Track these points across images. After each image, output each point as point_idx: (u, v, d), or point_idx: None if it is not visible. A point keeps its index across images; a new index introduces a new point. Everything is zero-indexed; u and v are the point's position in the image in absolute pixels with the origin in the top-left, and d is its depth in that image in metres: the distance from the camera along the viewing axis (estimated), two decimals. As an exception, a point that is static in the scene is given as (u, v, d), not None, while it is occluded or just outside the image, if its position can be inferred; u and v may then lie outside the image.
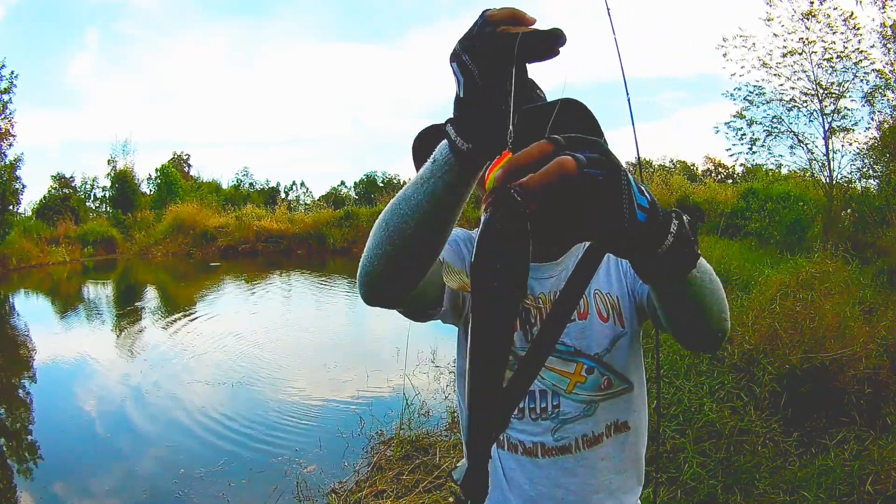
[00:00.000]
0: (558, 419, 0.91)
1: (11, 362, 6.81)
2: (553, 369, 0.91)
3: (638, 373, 0.95)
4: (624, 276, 0.97)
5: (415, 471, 3.29)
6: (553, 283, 0.94)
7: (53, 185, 28.24)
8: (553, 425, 0.91)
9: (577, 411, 0.91)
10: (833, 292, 3.84)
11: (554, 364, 0.90)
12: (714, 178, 25.95)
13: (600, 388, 0.92)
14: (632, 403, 0.95)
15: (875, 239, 6.69)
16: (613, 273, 0.96)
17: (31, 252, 17.01)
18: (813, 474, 2.51)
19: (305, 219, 20.73)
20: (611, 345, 0.92)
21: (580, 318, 0.92)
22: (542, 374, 0.90)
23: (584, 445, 0.91)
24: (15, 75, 16.05)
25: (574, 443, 0.91)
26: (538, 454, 0.91)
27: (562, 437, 0.91)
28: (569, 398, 0.91)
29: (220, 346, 6.75)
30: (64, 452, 4.02)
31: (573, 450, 0.91)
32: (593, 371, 0.91)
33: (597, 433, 0.92)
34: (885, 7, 7.51)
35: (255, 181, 38.79)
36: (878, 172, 7.81)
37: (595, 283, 0.94)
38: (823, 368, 3.12)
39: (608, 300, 0.93)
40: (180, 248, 19.74)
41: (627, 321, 0.94)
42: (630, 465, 0.96)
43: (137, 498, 3.35)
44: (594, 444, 0.92)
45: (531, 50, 0.49)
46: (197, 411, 4.65)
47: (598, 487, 0.92)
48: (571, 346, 0.91)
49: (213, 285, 12.77)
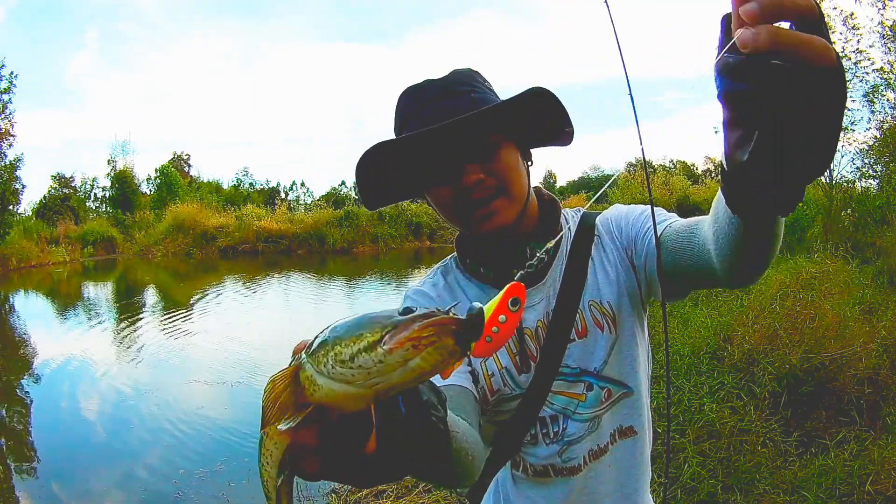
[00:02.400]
0: (563, 441, 0.89)
1: (11, 362, 6.81)
2: (561, 393, 0.88)
3: (635, 375, 0.92)
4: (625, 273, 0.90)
5: (415, 471, 3.29)
6: (543, 305, 0.89)
7: (53, 185, 28.30)
8: (559, 448, 0.89)
9: (581, 431, 0.89)
10: (833, 292, 3.84)
11: (561, 388, 0.88)
12: (714, 178, 25.94)
13: (601, 401, 0.90)
14: (633, 407, 0.92)
15: (875, 239, 6.68)
16: (600, 274, 0.91)
17: (31, 252, 17.02)
18: (813, 474, 2.51)
19: (305, 219, 20.75)
20: (608, 355, 0.89)
21: (580, 337, 0.88)
22: (551, 400, 0.88)
23: (590, 459, 0.90)
24: (15, 75, 16.12)
25: (582, 461, 0.90)
26: (550, 474, 0.90)
27: (569, 457, 0.89)
28: (573, 419, 0.89)
29: (220, 346, 6.75)
30: (64, 452, 4.03)
31: (582, 467, 0.90)
32: (592, 387, 0.89)
33: (602, 444, 0.90)
34: (884, 6, 7.51)
35: (255, 181, 38.87)
36: (878, 172, 7.81)
37: (588, 295, 0.89)
38: (823, 368, 3.12)
39: (601, 308, 0.90)
40: (180, 248, 19.75)
41: (620, 325, 0.90)
42: (638, 468, 0.95)
43: (137, 498, 3.35)
44: (600, 454, 0.90)
45: None
46: (197, 411, 4.65)
47: (608, 493, 0.91)
48: (576, 367, 0.88)
49: (212, 285, 12.77)
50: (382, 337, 0.40)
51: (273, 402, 0.45)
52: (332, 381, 0.41)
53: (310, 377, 0.42)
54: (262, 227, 19.89)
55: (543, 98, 0.79)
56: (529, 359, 0.87)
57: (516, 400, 0.87)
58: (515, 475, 0.92)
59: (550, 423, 0.89)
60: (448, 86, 0.82)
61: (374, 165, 0.79)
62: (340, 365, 0.40)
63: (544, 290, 0.90)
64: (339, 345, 0.40)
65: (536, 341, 0.88)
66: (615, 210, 0.95)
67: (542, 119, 0.83)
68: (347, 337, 0.41)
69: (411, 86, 0.84)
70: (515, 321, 0.47)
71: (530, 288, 0.89)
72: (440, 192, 0.83)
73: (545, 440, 0.89)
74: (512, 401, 0.88)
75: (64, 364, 6.32)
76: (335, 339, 0.41)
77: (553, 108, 0.81)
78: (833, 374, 3.11)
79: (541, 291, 0.90)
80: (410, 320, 0.40)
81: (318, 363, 0.41)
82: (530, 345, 0.88)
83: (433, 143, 0.78)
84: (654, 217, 0.81)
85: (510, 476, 0.92)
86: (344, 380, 0.41)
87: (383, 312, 0.42)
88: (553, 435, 0.89)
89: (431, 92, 0.81)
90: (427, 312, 0.41)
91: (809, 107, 0.37)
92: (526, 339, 0.88)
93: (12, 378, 6.10)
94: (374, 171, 0.80)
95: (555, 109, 0.81)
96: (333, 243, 19.56)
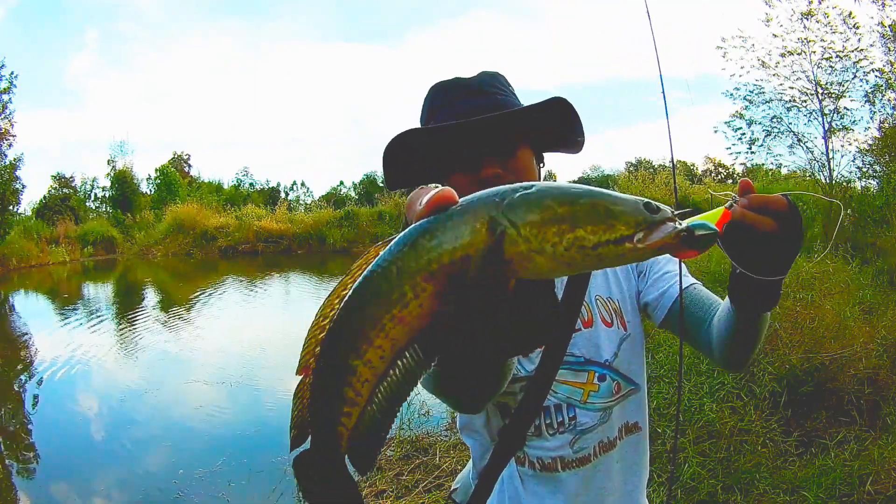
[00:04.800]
0: (576, 430, 0.91)
1: (11, 362, 6.81)
2: (566, 382, 0.91)
3: (641, 373, 0.96)
4: (626, 281, 0.98)
5: (415, 471, 3.29)
6: None
7: (53, 185, 28.27)
8: (572, 437, 0.90)
9: (594, 420, 0.91)
10: (833, 292, 3.84)
11: (566, 377, 0.90)
12: (714, 178, 25.95)
13: (612, 393, 0.92)
14: (639, 403, 0.96)
15: (875, 239, 6.67)
16: (611, 277, 0.97)
17: (31, 252, 17.01)
18: (813, 474, 2.50)
19: (305, 219, 20.74)
20: (618, 349, 0.93)
21: (585, 327, 0.92)
22: (555, 389, 0.90)
23: (600, 451, 0.91)
24: (15, 75, 16.12)
25: (592, 451, 0.91)
26: (558, 468, 0.91)
27: (581, 447, 0.91)
28: (584, 408, 0.91)
29: (220, 346, 6.76)
30: (64, 452, 4.03)
31: (591, 458, 0.91)
32: (605, 378, 0.92)
33: (611, 438, 0.92)
34: (884, 6, 7.50)
35: (255, 181, 38.80)
36: (879, 172, 7.80)
37: (595, 289, 0.94)
38: (823, 368, 3.12)
39: (610, 305, 0.94)
40: (180, 248, 19.74)
41: (629, 323, 0.95)
42: (641, 466, 0.97)
43: (137, 498, 3.35)
44: (609, 448, 0.92)
45: None
46: (196, 411, 4.65)
47: (613, 490, 0.93)
48: (581, 355, 0.91)
49: (212, 285, 12.77)
50: (635, 234, 0.37)
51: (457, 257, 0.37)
52: (553, 261, 0.36)
53: (524, 254, 0.36)
54: (262, 227, 19.87)
55: (563, 107, 0.85)
56: None
57: (521, 382, 0.89)
58: (521, 471, 0.93)
59: (555, 413, 0.91)
60: (480, 85, 0.88)
61: (402, 149, 0.84)
62: (578, 251, 0.36)
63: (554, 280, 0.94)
64: (581, 229, 0.36)
65: None
66: None
67: (558, 126, 0.89)
68: (594, 223, 0.36)
69: (442, 81, 0.90)
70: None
71: None
72: (458, 180, 0.86)
73: (549, 431, 0.91)
74: (517, 382, 0.90)
75: (64, 364, 6.31)
76: (572, 218, 0.36)
77: (570, 117, 0.87)
78: (833, 374, 3.10)
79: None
80: (663, 221, 0.38)
81: (543, 241, 0.36)
82: None
83: (460, 134, 0.83)
84: (680, 274, 0.93)
85: (517, 474, 0.93)
86: (571, 263, 0.36)
87: (621, 196, 0.38)
88: (558, 425, 0.91)
89: (463, 89, 0.88)
90: (671, 216, 0.39)
91: (766, 250, 0.65)
92: None
93: (12, 378, 6.10)
94: (402, 154, 0.85)
95: (571, 119, 0.87)
96: (333, 243, 19.54)
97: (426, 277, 0.37)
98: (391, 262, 0.38)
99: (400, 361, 0.39)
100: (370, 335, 0.38)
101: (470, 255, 0.36)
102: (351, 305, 0.39)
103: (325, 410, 0.41)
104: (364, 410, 0.40)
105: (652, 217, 0.38)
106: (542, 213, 0.36)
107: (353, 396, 0.39)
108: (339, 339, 0.39)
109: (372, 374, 0.39)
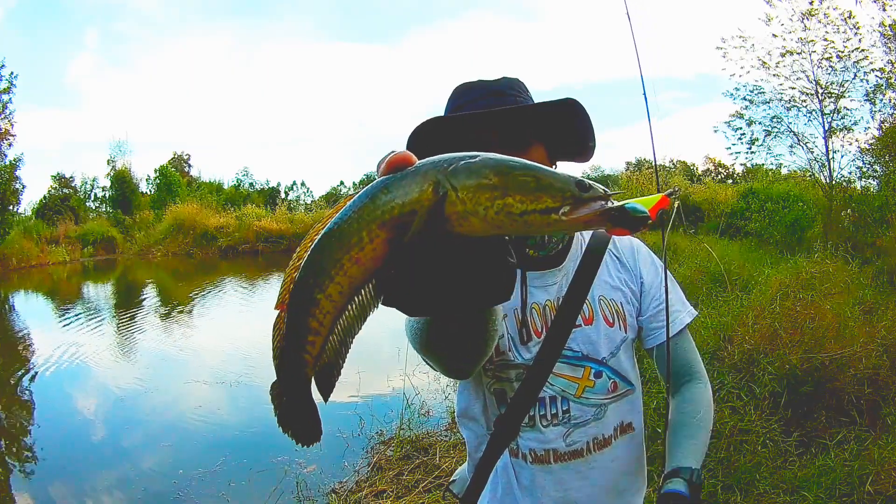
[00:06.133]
0: (570, 423, 0.92)
1: (11, 362, 6.80)
2: (562, 375, 0.92)
3: (636, 375, 0.99)
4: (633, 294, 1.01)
5: (415, 471, 3.29)
6: (556, 289, 0.95)
7: (53, 185, 28.23)
8: (565, 430, 0.92)
9: (588, 415, 0.93)
10: (833, 292, 3.84)
11: (562, 370, 0.92)
12: (714, 178, 25.93)
13: (608, 391, 0.94)
14: (634, 404, 0.98)
15: (875, 239, 6.68)
16: (616, 279, 0.99)
17: (31, 252, 17.00)
18: (813, 474, 2.50)
19: (306, 219, 20.72)
20: (616, 349, 0.95)
21: (586, 324, 0.94)
22: (551, 381, 0.91)
23: (595, 448, 0.93)
24: (15, 75, 16.05)
25: (586, 446, 0.92)
26: (550, 460, 0.92)
27: (574, 441, 0.92)
28: (578, 402, 0.92)
29: (220, 346, 6.76)
30: (63, 452, 4.02)
31: (585, 453, 0.92)
32: (601, 375, 0.93)
33: (607, 435, 0.93)
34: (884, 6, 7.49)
35: (255, 181, 38.74)
36: (878, 172, 7.80)
37: (599, 290, 0.96)
38: (823, 368, 3.11)
39: (613, 306, 0.96)
40: (180, 248, 19.74)
41: (630, 327, 0.97)
42: (636, 466, 0.99)
43: (137, 498, 3.35)
44: (604, 446, 0.93)
45: None
46: (196, 411, 4.65)
47: (609, 489, 0.94)
48: (579, 351, 0.93)
49: (212, 285, 12.76)
50: (561, 207, 0.41)
51: (404, 212, 0.42)
52: (485, 222, 0.41)
53: (460, 213, 0.41)
54: (263, 227, 19.86)
55: (575, 109, 0.88)
56: (533, 332, 0.93)
57: (517, 369, 0.91)
58: (515, 463, 0.94)
59: (549, 404, 0.92)
60: (502, 88, 0.92)
61: (423, 135, 0.87)
62: (506, 216, 0.41)
63: (559, 275, 0.96)
64: (511, 197, 0.40)
65: (543, 318, 0.93)
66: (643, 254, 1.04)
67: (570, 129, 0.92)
68: (523, 193, 0.41)
69: (466, 82, 0.94)
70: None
71: (547, 270, 0.96)
72: None
73: (542, 422, 0.92)
74: (513, 369, 0.92)
75: (64, 364, 6.31)
76: (504, 187, 0.41)
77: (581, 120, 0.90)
78: (833, 374, 3.10)
79: (556, 276, 0.96)
80: (591, 199, 0.41)
81: (476, 204, 0.41)
82: (536, 320, 0.93)
83: (473, 126, 0.87)
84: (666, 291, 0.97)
85: (510, 465, 0.94)
86: (500, 226, 0.41)
87: (555, 172, 0.43)
88: (552, 417, 0.92)
89: (486, 90, 0.91)
90: (601, 195, 0.42)
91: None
92: (533, 314, 0.93)
93: (12, 378, 6.10)
94: (420, 144, 0.87)
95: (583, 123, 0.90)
96: (333, 243, 19.56)
97: (380, 226, 0.43)
98: (354, 211, 0.44)
99: (356, 297, 0.45)
100: (332, 272, 0.44)
101: (416, 210, 0.42)
102: (318, 247, 0.45)
103: (294, 338, 0.47)
104: (326, 340, 0.46)
105: (580, 193, 0.42)
106: (478, 180, 0.41)
107: (316, 326, 0.45)
108: (307, 276, 0.45)
109: (333, 307, 0.45)
